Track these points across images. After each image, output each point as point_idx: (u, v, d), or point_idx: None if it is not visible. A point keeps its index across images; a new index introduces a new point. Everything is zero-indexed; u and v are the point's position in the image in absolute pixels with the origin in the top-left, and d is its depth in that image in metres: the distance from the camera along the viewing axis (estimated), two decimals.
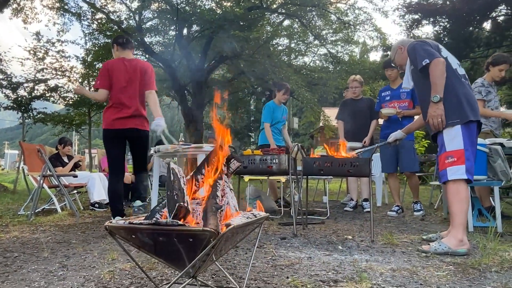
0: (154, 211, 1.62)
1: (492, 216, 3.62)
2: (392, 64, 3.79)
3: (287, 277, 2.06)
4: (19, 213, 4.81)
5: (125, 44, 4.06)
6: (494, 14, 12.50)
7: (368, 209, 4.92)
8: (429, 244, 2.71)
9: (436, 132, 2.80)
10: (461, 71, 2.87)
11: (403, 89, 4.56)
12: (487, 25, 13.51)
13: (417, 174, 4.85)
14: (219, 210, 1.51)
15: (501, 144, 3.72)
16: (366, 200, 5.23)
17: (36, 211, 4.66)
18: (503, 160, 3.58)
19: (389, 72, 4.79)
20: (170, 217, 1.46)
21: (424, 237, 3.13)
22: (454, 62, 2.86)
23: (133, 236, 1.48)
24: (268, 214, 1.83)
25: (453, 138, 2.68)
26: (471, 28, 12.98)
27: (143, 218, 1.61)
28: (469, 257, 2.53)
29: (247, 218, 1.61)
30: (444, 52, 2.86)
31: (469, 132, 2.68)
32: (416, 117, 4.23)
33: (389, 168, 4.77)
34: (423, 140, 10.61)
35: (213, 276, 2.10)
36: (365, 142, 5.08)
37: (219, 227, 1.41)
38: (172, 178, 1.55)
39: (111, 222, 1.49)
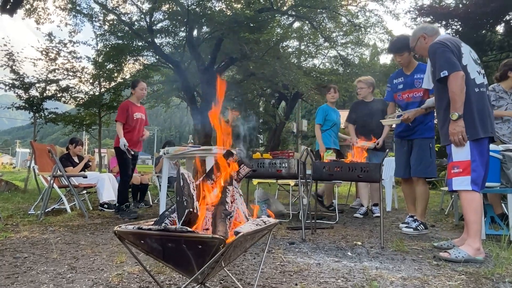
0: (163, 216, 1.61)
1: (506, 224, 3.55)
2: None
3: (296, 284, 2.03)
4: (29, 212, 4.86)
5: None
6: (507, 18, 12.31)
7: (378, 214, 4.86)
8: (446, 251, 2.66)
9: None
10: (480, 79, 2.77)
11: (418, 75, 3.76)
12: (500, 28, 13.31)
13: (426, 179, 3.81)
14: (229, 217, 1.50)
15: None
16: (376, 205, 5.16)
17: (46, 210, 4.70)
18: None
19: (398, 59, 3.80)
20: (179, 223, 1.45)
21: (435, 244, 3.08)
22: (473, 70, 2.76)
23: (142, 241, 1.48)
24: (278, 221, 1.81)
25: (460, 149, 2.66)
26: (483, 32, 12.81)
27: (152, 223, 1.60)
28: (482, 266, 2.48)
29: (256, 225, 1.59)
30: (465, 57, 2.75)
31: (478, 144, 2.65)
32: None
33: (399, 172, 3.92)
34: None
35: (221, 281, 2.09)
36: (378, 144, 4.91)
37: (229, 234, 1.40)
38: (182, 183, 1.54)
39: (120, 226, 1.48)
